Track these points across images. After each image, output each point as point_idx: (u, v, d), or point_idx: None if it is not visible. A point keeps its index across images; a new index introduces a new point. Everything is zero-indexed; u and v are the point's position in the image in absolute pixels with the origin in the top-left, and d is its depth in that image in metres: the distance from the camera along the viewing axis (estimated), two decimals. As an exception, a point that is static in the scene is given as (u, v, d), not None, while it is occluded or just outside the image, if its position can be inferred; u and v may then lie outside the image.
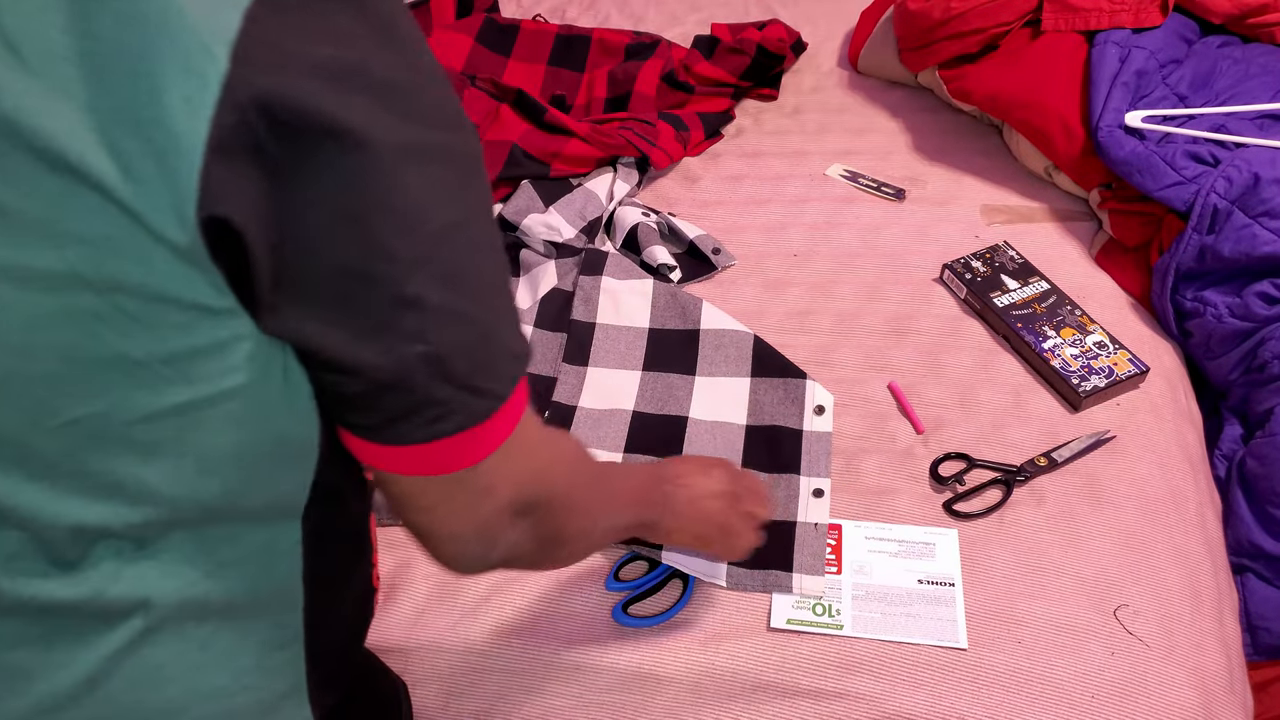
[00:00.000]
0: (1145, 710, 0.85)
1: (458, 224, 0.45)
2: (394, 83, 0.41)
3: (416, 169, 0.42)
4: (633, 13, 1.83)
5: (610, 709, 0.89)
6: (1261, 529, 1.07)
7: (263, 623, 0.54)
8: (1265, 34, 1.39)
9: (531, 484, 0.54)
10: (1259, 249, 1.14)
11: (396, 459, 0.49)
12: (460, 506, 0.52)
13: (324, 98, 0.38)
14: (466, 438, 0.48)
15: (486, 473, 0.51)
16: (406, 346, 0.44)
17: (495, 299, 0.49)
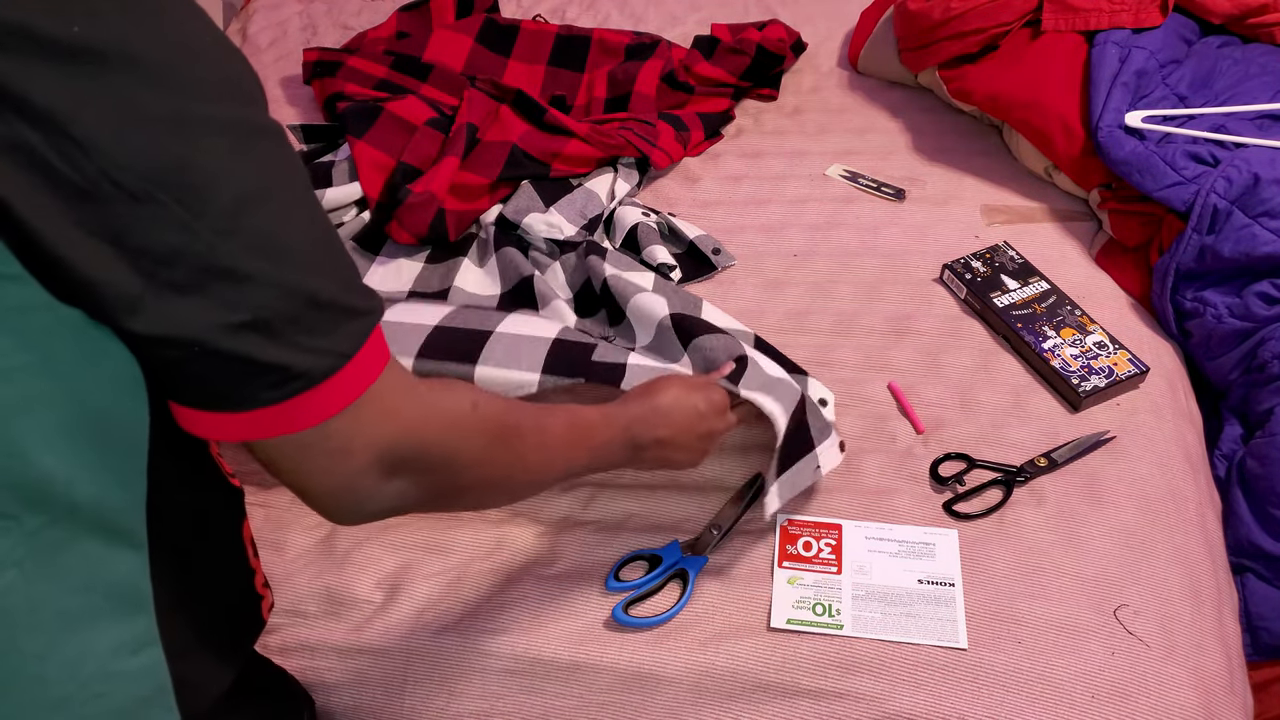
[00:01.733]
0: (1145, 710, 0.85)
1: (256, 193, 0.45)
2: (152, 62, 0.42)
3: (201, 142, 0.43)
4: (633, 13, 1.83)
5: (610, 709, 0.89)
6: (1261, 529, 1.07)
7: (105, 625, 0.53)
8: (1265, 34, 1.39)
9: (395, 443, 0.54)
10: (1259, 249, 1.14)
11: (240, 426, 0.48)
12: (319, 468, 0.52)
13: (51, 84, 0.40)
14: (306, 399, 0.48)
15: (337, 434, 0.51)
16: (227, 316, 0.45)
17: (319, 260, 0.49)
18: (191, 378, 0.47)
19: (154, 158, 0.42)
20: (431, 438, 0.56)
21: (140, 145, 0.42)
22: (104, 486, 0.50)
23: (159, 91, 0.42)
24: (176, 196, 0.42)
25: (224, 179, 0.44)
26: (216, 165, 0.44)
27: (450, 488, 0.59)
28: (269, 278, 0.46)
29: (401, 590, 0.96)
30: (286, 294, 0.46)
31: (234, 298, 0.45)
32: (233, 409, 0.48)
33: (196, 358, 0.45)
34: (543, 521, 1.02)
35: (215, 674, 0.63)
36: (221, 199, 0.44)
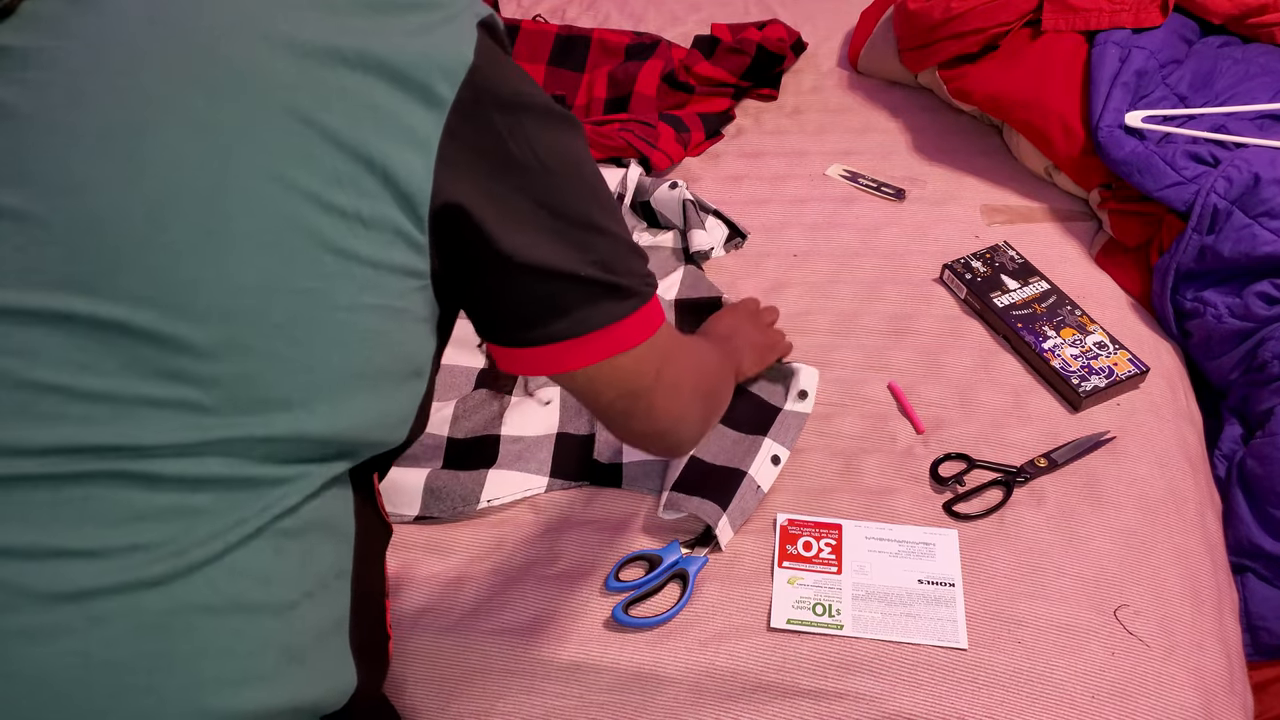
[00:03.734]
0: (1145, 710, 0.85)
1: (595, 170, 0.63)
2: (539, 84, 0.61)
3: (574, 133, 0.61)
4: (633, 13, 1.83)
5: (610, 709, 0.89)
6: (1261, 529, 1.07)
7: (329, 546, 0.61)
8: (1265, 34, 1.39)
9: (700, 377, 0.75)
10: (1259, 249, 1.14)
11: (596, 346, 0.63)
12: (664, 404, 0.69)
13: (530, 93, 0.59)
14: (636, 320, 0.64)
15: (668, 372, 0.68)
16: (594, 254, 0.61)
17: (623, 221, 0.66)
18: (564, 308, 0.61)
19: (553, 142, 0.59)
20: (710, 372, 0.80)
21: (552, 135, 0.59)
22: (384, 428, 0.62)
23: (537, 91, 0.59)
24: (568, 171, 0.60)
25: (586, 159, 0.62)
26: (581, 149, 0.62)
27: (716, 410, 0.81)
28: (611, 228, 0.62)
29: (401, 590, 0.96)
30: (619, 240, 0.63)
31: (594, 242, 0.61)
32: (595, 327, 0.62)
33: (571, 289, 0.60)
34: (543, 521, 1.02)
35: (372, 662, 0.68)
36: (586, 172, 0.62)
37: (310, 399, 0.55)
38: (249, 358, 0.52)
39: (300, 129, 0.52)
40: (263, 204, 0.52)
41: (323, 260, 0.53)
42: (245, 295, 0.52)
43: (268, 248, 0.52)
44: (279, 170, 0.52)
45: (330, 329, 0.55)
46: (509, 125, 0.56)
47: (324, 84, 0.53)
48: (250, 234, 0.52)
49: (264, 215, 0.52)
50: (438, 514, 1.01)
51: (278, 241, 0.52)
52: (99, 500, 0.51)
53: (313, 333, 0.54)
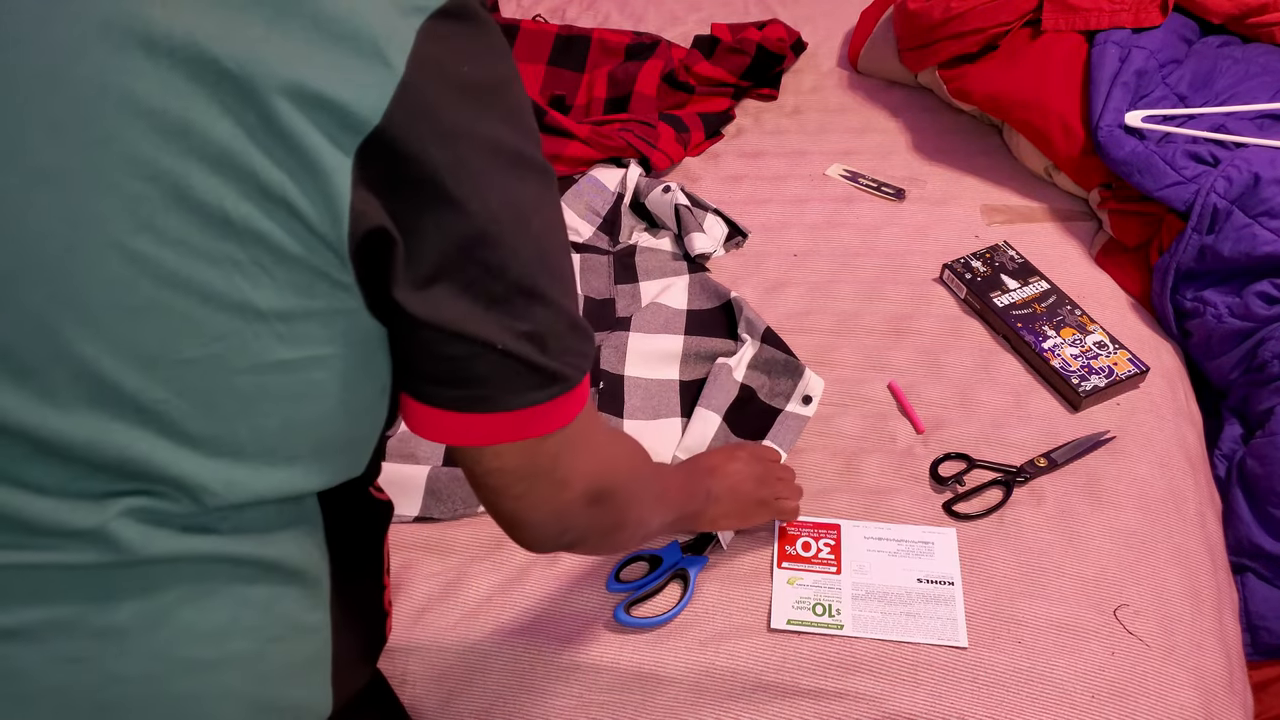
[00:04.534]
0: (1145, 710, 0.85)
1: (551, 227, 0.54)
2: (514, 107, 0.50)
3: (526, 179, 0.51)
4: (633, 13, 1.83)
5: (610, 709, 0.89)
6: (1261, 529, 1.07)
7: (297, 584, 0.58)
8: (1265, 34, 1.39)
9: (600, 476, 0.62)
10: (1259, 249, 1.14)
11: (495, 426, 0.55)
12: (544, 495, 0.60)
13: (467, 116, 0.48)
14: (553, 406, 0.55)
15: (563, 463, 0.59)
16: (521, 324, 0.52)
17: (574, 291, 0.58)
18: (470, 378, 0.53)
19: (504, 187, 0.49)
20: (622, 469, 0.66)
21: (504, 178, 0.49)
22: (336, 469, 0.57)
23: (512, 130, 0.50)
24: (516, 224, 0.50)
25: (543, 213, 0.53)
26: (539, 200, 0.52)
27: (620, 522, 0.67)
28: (555, 298, 0.53)
29: (401, 590, 0.96)
30: (560, 313, 0.54)
31: (530, 312, 0.52)
32: (498, 409, 0.54)
33: (482, 357, 0.52)
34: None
35: (359, 666, 0.68)
36: (536, 227, 0.52)
37: (229, 466, 0.50)
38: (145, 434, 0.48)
39: (173, 164, 0.44)
40: (124, 267, 0.45)
41: (213, 321, 0.47)
42: (124, 372, 0.47)
43: (138, 315, 0.46)
44: (144, 222, 0.44)
45: (236, 396, 0.49)
46: (448, 160, 0.47)
47: (200, 103, 0.44)
48: (115, 304, 0.45)
49: (127, 281, 0.45)
50: (438, 515, 1.01)
51: (150, 307, 0.46)
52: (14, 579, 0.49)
53: (214, 403, 0.49)
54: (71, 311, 0.45)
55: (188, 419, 0.48)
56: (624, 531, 0.68)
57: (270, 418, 0.50)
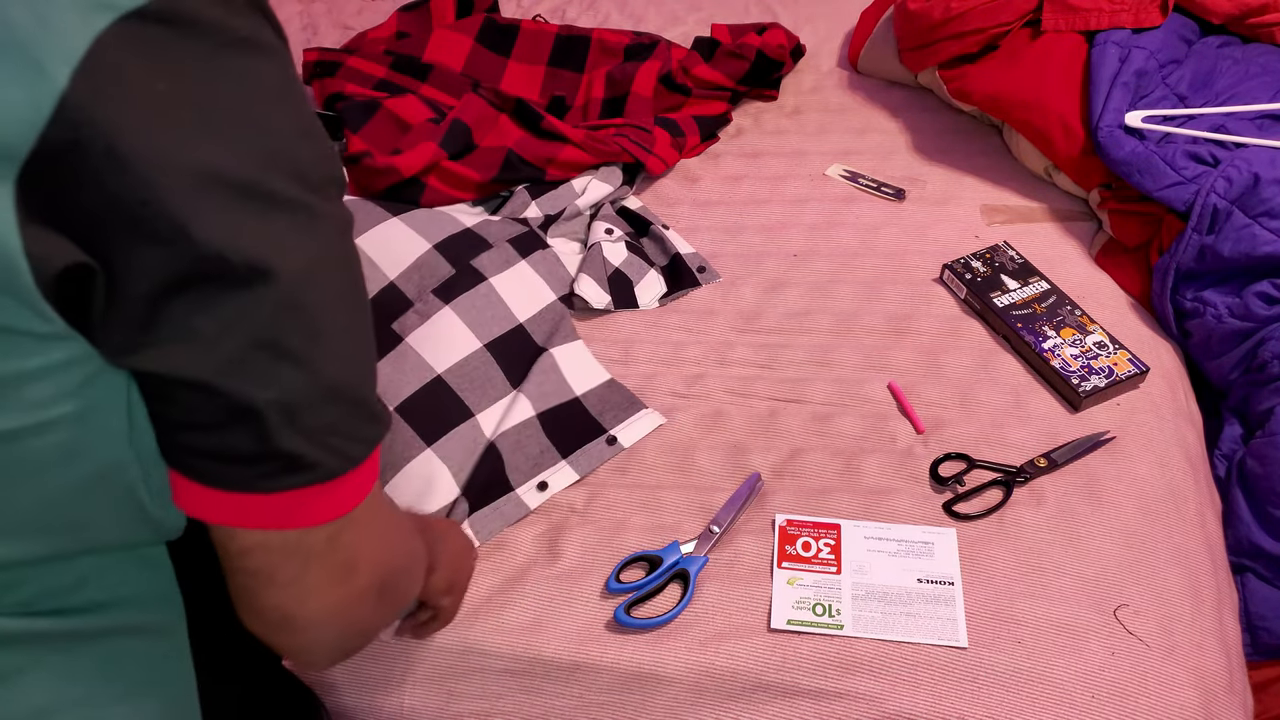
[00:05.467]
0: (1145, 710, 0.85)
1: (310, 274, 0.44)
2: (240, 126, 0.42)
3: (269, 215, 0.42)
4: (633, 13, 1.83)
5: (610, 709, 0.89)
6: (1261, 529, 1.07)
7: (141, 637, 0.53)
8: (1265, 34, 1.39)
9: (391, 567, 0.53)
10: (1259, 249, 1.14)
11: (246, 509, 0.46)
12: (323, 581, 0.49)
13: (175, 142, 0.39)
14: (315, 493, 0.47)
15: (345, 547, 0.49)
16: (260, 389, 0.43)
17: (358, 357, 0.48)
18: (214, 447, 0.45)
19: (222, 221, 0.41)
20: (402, 551, 0.57)
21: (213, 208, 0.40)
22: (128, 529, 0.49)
23: (237, 158, 0.41)
24: (243, 270, 0.41)
25: (289, 254, 0.43)
26: (280, 238, 0.43)
27: (393, 616, 0.59)
28: (310, 360, 0.45)
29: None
30: (319, 380, 0.45)
31: (271, 373, 0.44)
32: (246, 489, 0.46)
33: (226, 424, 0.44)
34: (543, 521, 1.02)
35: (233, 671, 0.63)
36: (285, 273, 0.43)
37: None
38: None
39: None
40: None
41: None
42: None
43: None
44: None
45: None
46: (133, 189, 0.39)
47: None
48: None
49: None
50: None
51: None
52: None
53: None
54: None
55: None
56: (397, 614, 0.61)
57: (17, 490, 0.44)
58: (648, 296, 1.26)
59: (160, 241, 0.39)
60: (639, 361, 1.17)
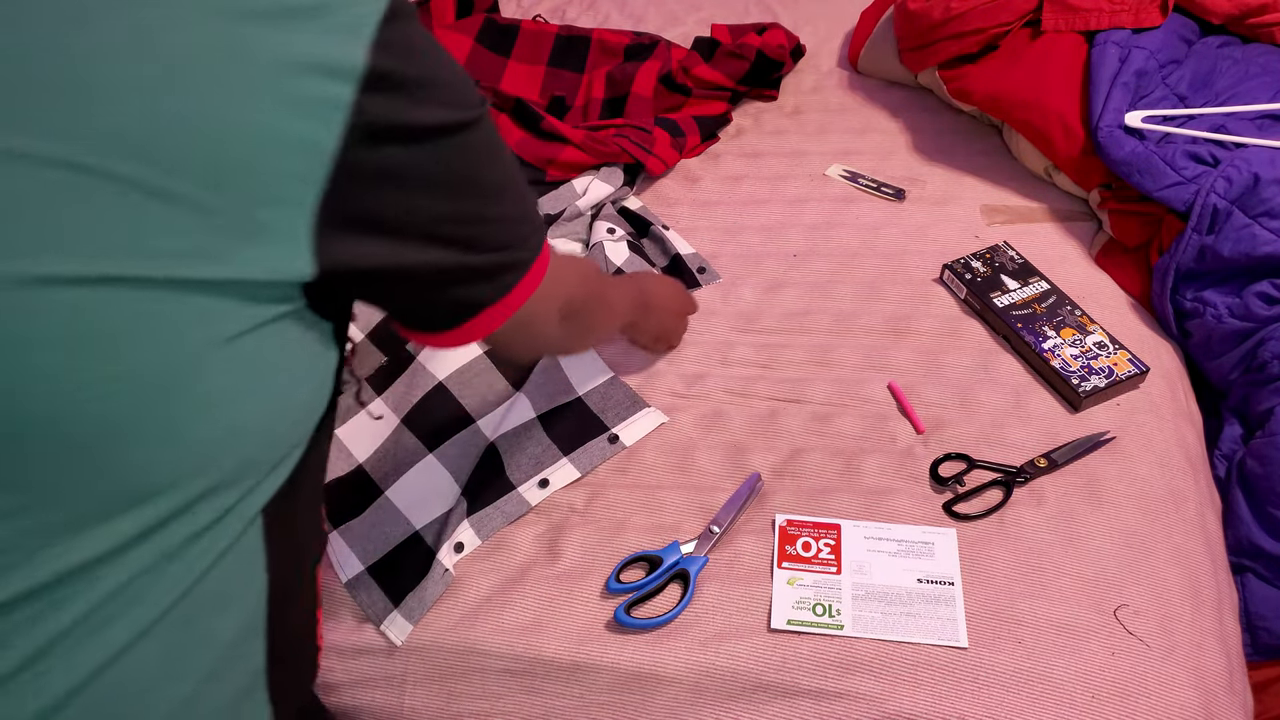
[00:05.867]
0: (1145, 710, 0.85)
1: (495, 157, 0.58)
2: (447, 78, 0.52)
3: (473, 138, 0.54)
4: (633, 13, 1.83)
5: (610, 709, 0.89)
6: (1261, 529, 1.07)
7: (233, 612, 0.55)
8: (1265, 34, 1.39)
9: (567, 299, 0.73)
10: (1259, 249, 1.14)
11: (486, 323, 0.62)
12: (539, 337, 0.73)
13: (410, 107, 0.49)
14: (524, 283, 0.63)
15: (540, 312, 0.67)
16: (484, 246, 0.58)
17: (523, 188, 0.63)
18: (457, 300, 0.59)
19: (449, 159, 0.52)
20: (583, 289, 0.78)
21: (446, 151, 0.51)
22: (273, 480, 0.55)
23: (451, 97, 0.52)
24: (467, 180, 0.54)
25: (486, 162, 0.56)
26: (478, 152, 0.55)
27: (589, 327, 0.83)
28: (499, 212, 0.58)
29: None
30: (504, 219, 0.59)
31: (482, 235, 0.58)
32: (492, 303, 0.61)
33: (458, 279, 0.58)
34: (543, 521, 1.02)
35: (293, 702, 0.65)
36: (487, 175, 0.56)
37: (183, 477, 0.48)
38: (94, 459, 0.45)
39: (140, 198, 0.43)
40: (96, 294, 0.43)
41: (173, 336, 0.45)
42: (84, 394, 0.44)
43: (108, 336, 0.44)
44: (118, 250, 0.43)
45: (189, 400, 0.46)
46: (405, 163, 0.49)
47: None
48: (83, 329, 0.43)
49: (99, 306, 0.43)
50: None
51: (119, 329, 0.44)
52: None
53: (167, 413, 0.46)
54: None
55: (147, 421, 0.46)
56: (592, 335, 0.87)
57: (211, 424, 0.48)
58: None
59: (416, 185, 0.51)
60: (639, 361, 1.17)
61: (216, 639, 0.54)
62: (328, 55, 0.45)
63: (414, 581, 0.94)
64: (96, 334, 0.43)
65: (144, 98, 0.42)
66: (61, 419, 0.44)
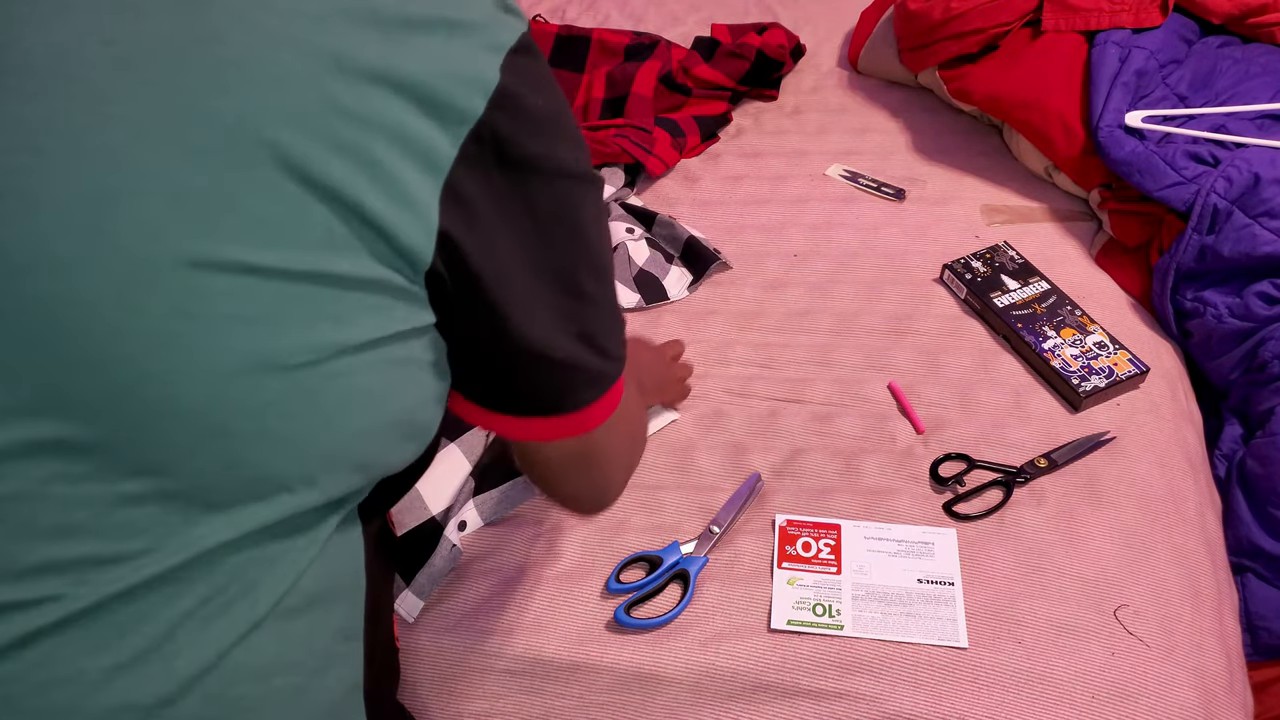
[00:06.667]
0: (1145, 710, 0.85)
1: (601, 232, 0.56)
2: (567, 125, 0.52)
3: (582, 192, 0.53)
4: (633, 13, 1.83)
5: (610, 709, 0.89)
6: (1261, 529, 1.07)
7: (338, 610, 0.56)
8: (1265, 34, 1.39)
9: (634, 445, 0.70)
10: (1259, 249, 1.14)
11: (556, 426, 0.58)
12: (593, 479, 0.66)
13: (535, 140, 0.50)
14: (604, 400, 0.59)
15: (609, 443, 0.63)
16: (583, 329, 0.55)
17: (614, 281, 0.60)
18: (531, 386, 0.56)
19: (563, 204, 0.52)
20: (641, 438, 0.75)
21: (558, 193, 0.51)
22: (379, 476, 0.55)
23: (569, 146, 0.52)
24: (572, 235, 0.53)
25: (593, 221, 0.55)
26: (588, 209, 0.54)
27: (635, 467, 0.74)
28: (601, 295, 0.56)
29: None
30: (604, 307, 0.57)
31: (582, 313, 0.55)
32: (558, 412, 0.57)
33: (543, 366, 0.54)
34: (543, 521, 1.02)
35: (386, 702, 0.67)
36: (590, 235, 0.54)
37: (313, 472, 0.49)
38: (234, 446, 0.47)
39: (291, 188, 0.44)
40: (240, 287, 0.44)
41: (316, 331, 0.46)
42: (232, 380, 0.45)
43: (255, 324, 0.45)
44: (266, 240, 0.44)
45: (327, 400, 0.48)
46: (515, 186, 0.49)
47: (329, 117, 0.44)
48: (233, 314, 0.45)
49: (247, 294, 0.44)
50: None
51: (266, 317, 0.45)
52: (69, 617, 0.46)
53: (308, 408, 0.48)
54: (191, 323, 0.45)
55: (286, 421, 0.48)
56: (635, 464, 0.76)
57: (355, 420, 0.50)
58: (677, 289, 1.27)
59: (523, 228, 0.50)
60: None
61: (323, 632, 0.55)
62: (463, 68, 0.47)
63: (424, 559, 0.96)
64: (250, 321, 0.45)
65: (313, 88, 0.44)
66: (211, 406, 0.45)
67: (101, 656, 0.47)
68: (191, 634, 0.48)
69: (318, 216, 0.44)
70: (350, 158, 0.44)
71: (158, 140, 0.43)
